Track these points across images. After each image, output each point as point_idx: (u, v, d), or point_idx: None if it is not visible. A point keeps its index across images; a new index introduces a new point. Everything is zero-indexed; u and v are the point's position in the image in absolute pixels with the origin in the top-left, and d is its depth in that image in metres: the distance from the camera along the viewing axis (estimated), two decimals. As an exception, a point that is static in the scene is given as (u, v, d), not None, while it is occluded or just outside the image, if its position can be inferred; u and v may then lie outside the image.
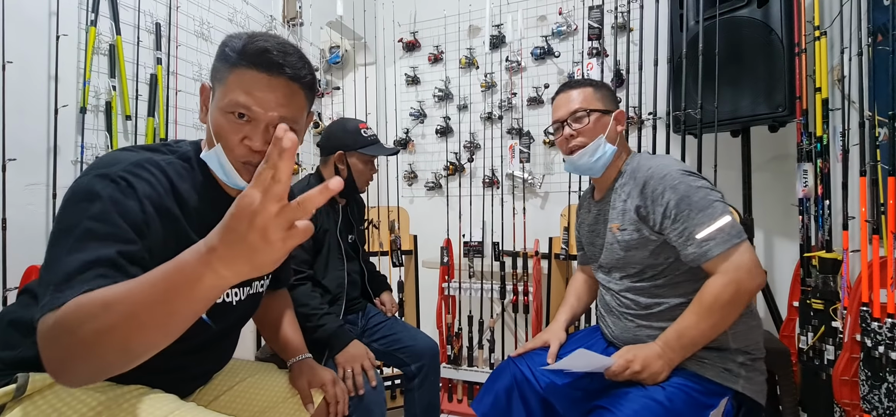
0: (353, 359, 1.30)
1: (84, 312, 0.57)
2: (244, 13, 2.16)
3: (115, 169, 0.71)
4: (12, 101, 1.31)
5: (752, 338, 1.09)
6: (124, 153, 0.76)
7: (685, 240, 1.04)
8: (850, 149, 1.60)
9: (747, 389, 1.05)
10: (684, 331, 1.04)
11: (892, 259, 1.37)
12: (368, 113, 2.53)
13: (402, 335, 1.59)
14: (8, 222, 1.29)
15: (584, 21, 2.34)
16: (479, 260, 2.40)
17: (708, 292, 1.02)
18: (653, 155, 1.18)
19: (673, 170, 1.07)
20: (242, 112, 0.77)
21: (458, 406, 2.28)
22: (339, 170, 1.55)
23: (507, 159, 2.59)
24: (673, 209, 1.04)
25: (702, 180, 1.07)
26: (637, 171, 1.14)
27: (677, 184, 1.04)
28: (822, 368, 1.59)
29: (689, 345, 1.03)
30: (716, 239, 1.00)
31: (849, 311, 1.50)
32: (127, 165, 0.73)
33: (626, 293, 1.17)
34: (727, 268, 1.00)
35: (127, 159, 0.74)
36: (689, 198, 1.03)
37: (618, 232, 1.16)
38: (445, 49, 2.80)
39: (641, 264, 1.13)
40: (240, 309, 0.92)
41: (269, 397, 1.03)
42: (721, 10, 1.75)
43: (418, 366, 1.54)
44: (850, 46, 1.61)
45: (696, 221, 1.02)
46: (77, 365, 0.58)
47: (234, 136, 0.79)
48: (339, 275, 1.52)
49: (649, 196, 1.08)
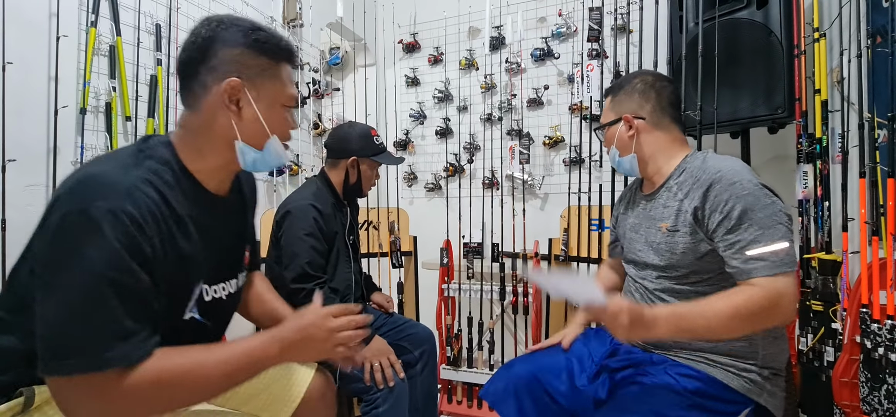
0: (379, 354, 1.38)
1: (166, 380, 0.70)
2: (244, 15, 2.16)
3: (116, 203, 0.68)
4: (12, 102, 1.31)
5: (781, 360, 1.07)
6: (113, 175, 0.72)
7: (734, 252, 0.97)
8: (849, 151, 1.60)
9: (769, 403, 1.02)
10: (686, 315, 0.94)
11: (892, 260, 1.37)
12: (368, 114, 2.54)
13: (404, 325, 1.67)
14: (8, 223, 1.30)
15: (583, 23, 2.34)
16: (479, 262, 2.40)
17: (740, 298, 0.93)
18: (723, 156, 1.08)
19: (744, 178, 0.99)
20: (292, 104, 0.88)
21: (457, 407, 2.28)
22: (350, 174, 1.57)
23: (507, 160, 2.59)
24: (735, 219, 0.97)
25: (773, 197, 0.99)
26: (702, 171, 1.05)
27: (746, 195, 0.97)
28: (821, 370, 1.58)
29: (686, 331, 0.94)
30: (766, 261, 0.93)
31: (848, 313, 1.49)
32: (124, 196, 0.70)
33: (664, 293, 1.11)
34: (769, 287, 0.92)
35: (119, 185, 0.71)
36: (753, 211, 0.95)
37: (667, 231, 1.08)
38: (445, 50, 2.80)
39: (688, 268, 1.06)
40: (229, 304, 0.94)
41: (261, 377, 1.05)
42: (720, 11, 1.75)
43: (420, 352, 1.61)
44: (850, 48, 1.61)
45: (751, 237, 0.95)
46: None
47: (286, 126, 0.87)
48: (347, 276, 1.54)
49: (711, 199, 1.00)
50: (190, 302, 0.82)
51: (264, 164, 0.85)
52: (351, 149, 1.56)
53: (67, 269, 0.66)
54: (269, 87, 0.83)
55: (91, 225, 0.66)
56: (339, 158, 1.57)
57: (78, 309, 0.65)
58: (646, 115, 1.15)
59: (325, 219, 1.45)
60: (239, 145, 0.82)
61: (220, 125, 0.80)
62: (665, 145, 1.14)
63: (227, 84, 0.78)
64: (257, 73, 0.81)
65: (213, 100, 0.79)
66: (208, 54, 0.79)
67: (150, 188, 0.73)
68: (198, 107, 0.80)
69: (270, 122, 0.83)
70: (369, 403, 1.36)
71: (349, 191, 1.60)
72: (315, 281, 1.37)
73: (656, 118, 1.14)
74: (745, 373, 1.03)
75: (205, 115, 0.80)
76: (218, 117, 0.80)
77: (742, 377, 1.02)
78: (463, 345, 2.31)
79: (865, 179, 1.52)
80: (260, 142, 0.83)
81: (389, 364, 1.37)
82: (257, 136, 0.83)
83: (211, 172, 0.84)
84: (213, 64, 0.79)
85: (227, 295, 0.92)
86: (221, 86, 0.78)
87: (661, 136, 1.14)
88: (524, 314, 2.23)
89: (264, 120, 0.82)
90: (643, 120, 1.14)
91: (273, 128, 0.84)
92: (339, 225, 1.55)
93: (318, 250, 1.41)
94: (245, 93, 0.80)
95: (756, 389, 1.02)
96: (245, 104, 0.80)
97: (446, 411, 2.27)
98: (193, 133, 0.82)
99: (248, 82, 0.80)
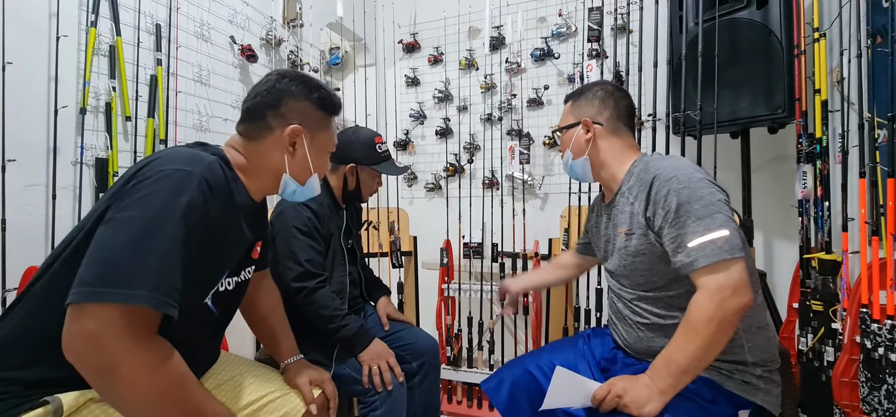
0: (378, 357, 1.36)
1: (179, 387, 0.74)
2: (244, 14, 2.16)
3: (200, 169, 0.78)
4: (12, 102, 1.31)
5: (769, 351, 1.06)
6: (191, 153, 0.82)
7: (676, 247, 0.98)
8: (849, 151, 1.60)
9: (766, 402, 1.03)
10: (672, 357, 0.97)
11: (892, 260, 1.37)
12: (368, 114, 2.54)
13: (404, 333, 1.60)
14: (7, 223, 1.29)
15: (583, 23, 2.34)
16: (479, 262, 2.40)
17: (691, 310, 0.95)
18: (665, 156, 1.11)
19: (681, 172, 1.01)
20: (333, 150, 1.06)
21: (457, 407, 2.28)
22: (348, 181, 1.55)
23: (507, 160, 2.59)
24: (673, 213, 0.99)
25: (712, 187, 0.99)
26: (645, 173, 1.08)
27: (682, 188, 0.98)
28: (821, 370, 1.59)
29: (678, 373, 0.95)
30: (706, 251, 0.93)
31: (848, 313, 1.49)
32: (206, 168, 0.80)
33: (639, 303, 1.13)
34: (710, 284, 0.93)
35: (201, 159, 0.81)
36: (690, 203, 0.96)
37: (625, 237, 1.12)
38: (445, 50, 2.80)
39: (649, 272, 1.08)
40: (235, 294, 0.99)
41: (266, 391, 1.06)
42: (720, 11, 1.75)
43: (419, 364, 1.55)
44: (850, 48, 1.61)
45: (691, 228, 0.95)
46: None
47: (325, 169, 1.07)
48: (343, 278, 1.53)
49: (653, 198, 1.03)
50: (214, 288, 0.89)
51: (302, 196, 1.01)
52: (352, 156, 1.53)
53: (142, 205, 0.71)
54: (322, 137, 1.01)
55: (176, 178, 0.74)
56: (339, 163, 1.55)
57: (143, 241, 0.68)
58: (603, 121, 1.20)
59: (321, 220, 1.44)
60: (285, 178, 0.96)
61: (273, 159, 0.95)
62: (618, 151, 1.19)
63: (291, 129, 0.94)
64: (315, 124, 0.98)
65: (274, 139, 0.94)
66: (279, 104, 0.94)
67: (220, 170, 0.84)
68: (257, 140, 0.94)
69: (316, 164, 1.00)
70: (367, 405, 1.35)
71: (348, 197, 1.58)
72: (316, 279, 1.36)
73: (612, 125, 1.19)
74: (738, 374, 1.03)
75: (262, 148, 0.94)
76: (273, 153, 0.95)
77: (734, 377, 1.03)
78: (463, 345, 2.31)
79: (865, 179, 1.52)
80: (303, 178, 0.99)
81: (388, 367, 1.35)
82: (302, 173, 0.98)
83: (253, 187, 0.96)
84: (281, 111, 0.94)
85: (235, 285, 0.97)
86: (286, 130, 0.94)
87: (616, 142, 1.19)
88: (524, 314, 2.23)
89: (312, 161, 0.98)
90: (601, 125, 1.19)
91: (316, 169, 1.00)
92: (335, 227, 1.53)
93: (316, 249, 1.40)
94: (302, 139, 0.96)
95: (751, 390, 1.03)
96: (299, 146, 0.96)
97: (446, 411, 2.27)
98: (247, 156, 0.95)
99: (306, 130, 0.96)
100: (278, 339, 1.18)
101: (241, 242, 0.93)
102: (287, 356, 1.16)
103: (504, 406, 1.23)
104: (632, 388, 0.98)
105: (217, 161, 0.84)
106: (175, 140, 1.79)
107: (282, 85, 0.96)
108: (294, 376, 1.11)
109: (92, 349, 0.65)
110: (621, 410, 0.98)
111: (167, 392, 0.72)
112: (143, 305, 0.66)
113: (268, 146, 0.94)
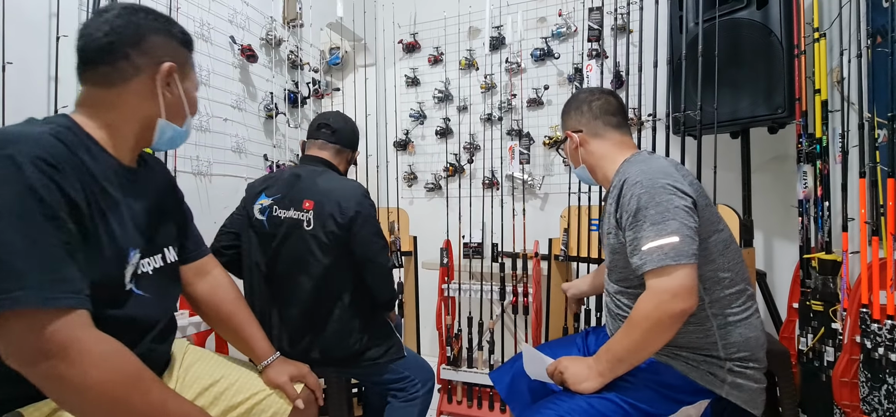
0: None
1: (118, 367, 0.71)
2: (244, 15, 2.16)
3: (27, 148, 0.68)
4: (12, 102, 1.31)
5: (749, 348, 1.07)
6: (15, 129, 0.73)
7: (633, 249, 1.03)
8: (849, 151, 1.60)
9: (733, 396, 1.05)
10: (611, 345, 1.06)
11: (892, 260, 1.37)
12: (368, 114, 2.54)
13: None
14: (7, 223, 1.29)
15: (583, 23, 2.34)
16: (479, 262, 2.40)
17: (635, 307, 1.02)
18: (647, 157, 1.13)
19: (646, 178, 1.04)
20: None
21: (457, 407, 2.28)
22: (346, 169, 1.55)
23: (507, 160, 2.59)
24: (632, 216, 1.04)
25: (672, 195, 1.01)
26: (620, 176, 1.13)
27: (643, 193, 1.02)
28: (821, 370, 1.59)
29: (614, 360, 1.05)
30: (654, 255, 0.98)
31: (848, 313, 1.50)
32: (33, 143, 0.70)
33: (619, 296, 1.19)
34: (654, 286, 0.98)
35: (27, 134, 0.71)
36: (647, 208, 1.01)
37: (607, 234, 1.20)
38: (445, 50, 2.80)
39: (625, 269, 1.13)
40: (164, 279, 0.94)
41: (252, 391, 1.04)
42: (720, 11, 1.75)
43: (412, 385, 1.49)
44: (850, 48, 1.61)
45: (645, 233, 1.00)
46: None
47: (195, 109, 1.00)
48: None
49: (621, 201, 1.08)
50: (127, 267, 0.82)
51: (181, 139, 0.95)
52: (356, 144, 1.55)
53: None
54: (191, 75, 0.95)
55: (4, 167, 0.66)
56: (349, 148, 1.51)
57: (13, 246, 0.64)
58: (583, 127, 1.23)
59: None
60: (161, 123, 0.89)
61: (142, 105, 0.86)
62: (607, 151, 1.21)
63: (168, 67, 0.86)
64: (184, 61, 0.92)
65: (142, 81, 0.84)
66: (141, 40, 0.84)
67: (55, 140, 0.73)
68: (118, 85, 0.83)
69: (191, 104, 0.94)
70: (402, 389, 1.44)
71: None
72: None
73: (593, 128, 1.22)
74: (705, 365, 1.06)
75: (125, 95, 0.83)
76: (141, 97, 0.85)
77: (700, 368, 1.06)
78: (463, 345, 2.31)
79: (865, 179, 1.52)
80: (181, 120, 0.93)
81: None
82: (179, 116, 0.92)
83: (120, 146, 0.85)
84: (144, 48, 0.84)
85: (154, 270, 0.91)
86: (162, 68, 0.85)
87: (601, 144, 1.22)
88: (524, 314, 2.23)
89: (187, 101, 0.93)
90: (581, 132, 1.23)
91: (191, 110, 0.95)
92: None
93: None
94: (175, 78, 0.89)
95: (716, 381, 1.05)
96: (173, 86, 0.89)
97: (446, 411, 2.27)
98: (105, 108, 0.83)
99: (179, 68, 0.89)
100: (249, 339, 1.12)
101: (120, 214, 0.82)
102: (264, 356, 1.11)
103: (505, 391, 1.32)
104: (573, 366, 1.10)
105: (49, 132, 0.73)
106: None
107: (139, 19, 0.85)
108: (275, 376, 1.08)
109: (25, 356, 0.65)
110: (563, 385, 1.12)
111: (119, 390, 0.69)
112: (35, 308, 0.64)
113: (133, 90, 0.84)
